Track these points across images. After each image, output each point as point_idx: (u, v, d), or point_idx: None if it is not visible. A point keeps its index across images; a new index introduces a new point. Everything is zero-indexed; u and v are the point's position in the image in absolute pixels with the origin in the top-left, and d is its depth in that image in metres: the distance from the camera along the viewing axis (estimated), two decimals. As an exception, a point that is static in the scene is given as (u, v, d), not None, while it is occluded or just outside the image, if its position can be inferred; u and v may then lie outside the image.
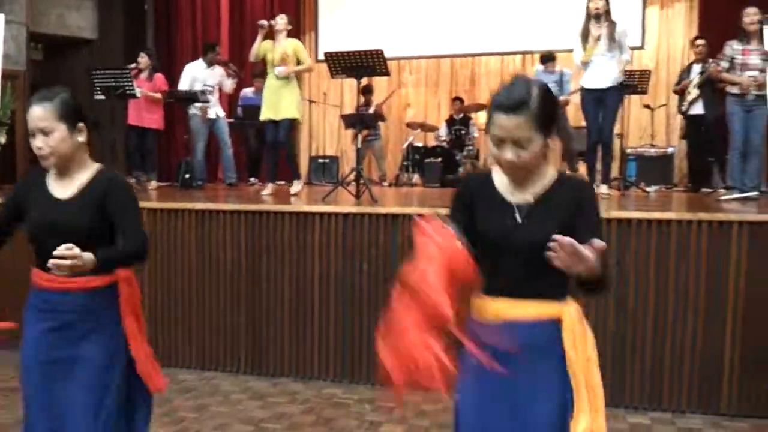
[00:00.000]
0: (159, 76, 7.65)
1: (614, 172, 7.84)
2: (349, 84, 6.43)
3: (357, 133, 6.63)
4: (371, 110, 9.60)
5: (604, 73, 5.75)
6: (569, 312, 1.95)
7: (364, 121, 8.65)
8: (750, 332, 4.04)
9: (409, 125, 10.11)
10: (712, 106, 7.08)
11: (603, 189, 5.86)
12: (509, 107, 1.80)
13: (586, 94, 5.86)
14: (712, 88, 7.03)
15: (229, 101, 9.12)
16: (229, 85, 8.11)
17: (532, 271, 1.89)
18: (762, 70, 5.73)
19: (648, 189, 7.33)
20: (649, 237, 4.11)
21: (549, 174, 1.96)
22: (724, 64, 6.02)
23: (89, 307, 2.34)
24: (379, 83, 10.30)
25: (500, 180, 1.98)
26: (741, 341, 4.06)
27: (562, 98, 7.49)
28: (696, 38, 7.96)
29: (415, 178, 9.37)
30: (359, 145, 6.39)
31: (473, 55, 10.79)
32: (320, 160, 10.06)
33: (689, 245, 4.07)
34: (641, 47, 9.90)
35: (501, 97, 1.83)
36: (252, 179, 8.88)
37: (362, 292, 4.58)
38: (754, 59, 5.82)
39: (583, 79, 5.92)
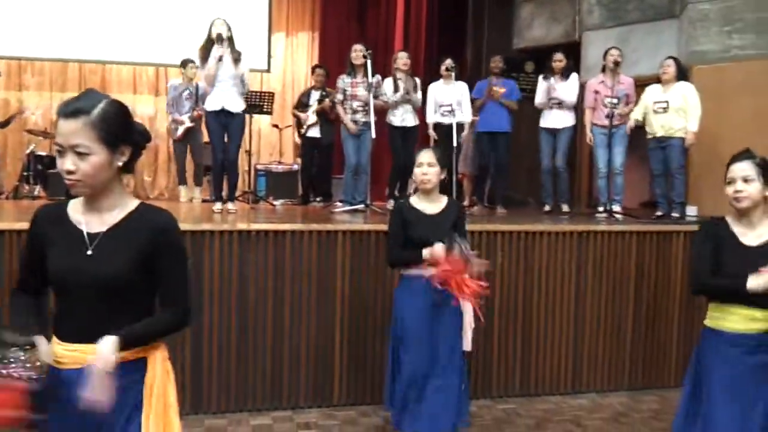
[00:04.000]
0: None
1: (245, 186, 8.20)
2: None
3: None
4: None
5: (228, 98, 5.83)
6: (155, 353, 1.90)
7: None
8: (354, 327, 4.55)
9: (31, 132, 9.21)
10: (326, 132, 7.84)
11: (229, 205, 6.02)
12: (68, 112, 1.73)
13: (211, 115, 5.87)
14: (326, 116, 7.79)
15: None
16: None
17: (108, 308, 1.81)
18: (366, 102, 6.51)
19: (275, 202, 7.80)
20: (266, 246, 4.39)
21: (130, 204, 1.88)
22: (339, 97, 6.71)
23: None
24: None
25: (75, 208, 1.87)
26: (348, 336, 4.55)
27: (196, 112, 7.62)
28: (316, 66, 8.70)
29: (38, 189, 8.57)
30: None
31: (104, 62, 10.30)
32: None
33: (302, 253, 4.45)
34: (268, 71, 10.50)
35: (62, 105, 1.76)
36: None
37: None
38: (361, 91, 6.59)
39: (207, 101, 5.93)
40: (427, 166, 3.54)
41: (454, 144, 6.41)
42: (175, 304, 1.90)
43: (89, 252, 1.81)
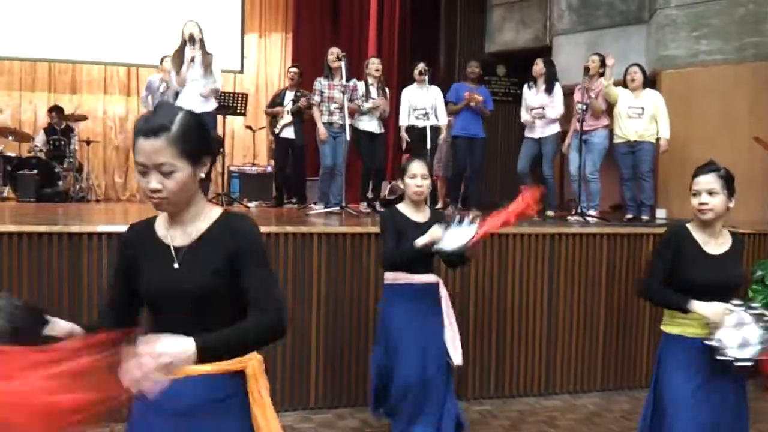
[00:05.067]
0: None
1: (219, 188, 8.15)
2: None
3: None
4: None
5: (198, 97, 5.92)
6: (252, 364, 1.85)
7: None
8: (330, 330, 4.54)
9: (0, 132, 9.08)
10: (301, 133, 7.83)
11: None
12: (148, 130, 1.70)
13: None
14: (301, 117, 7.78)
15: None
16: None
17: (198, 320, 1.76)
18: (341, 104, 6.53)
19: (249, 204, 7.77)
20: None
21: (212, 214, 1.84)
22: (317, 98, 6.72)
23: None
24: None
25: (160, 224, 1.85)
26: (324, 339, 4.54)
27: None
28: (290, 67, 8.68)
29: (7, 191, 8.44)
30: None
31: (74, 62, 10.16)
32: None
33: (278, 254, 4.44)
34: (241, 72, 10.46)
35: (141, 123, 1.73)
36: None
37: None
38: (338, 93, 6.63)
39: (180, 99, 5.98)
40: (420, 179, 3.56)
41: (428, 147, 6.45)
42: (263, 308, 1.76)
43: (176, 266, 1.79)
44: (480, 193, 7.53)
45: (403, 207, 3.70)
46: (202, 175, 1.79)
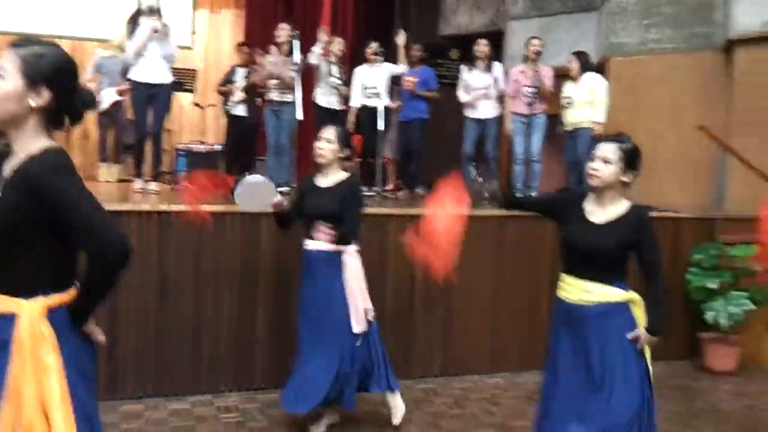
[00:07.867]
0: None
1: (165, 166, 7.97)
2: None
3: None
4: None
5: (156, 69, 5.75)
6: (27, 309, 1.79)
7: None
8: (276, 309, 4.51)
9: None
10: (252, 111, 7.70)
11: (151, 185, 5.85)
12: (12, 43, 1.83)
13: (137, 87, 5.78)
14: (253, 95, 7.64)
15: None
16: None
17: (6, 251, 1.79)
18: (292, 77, 6.44)
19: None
20: (187, 228, 4.26)
21: (35, 148, 1.82)
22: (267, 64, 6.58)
23: None
24: None
25: None
26: (269, 318, 4.51)
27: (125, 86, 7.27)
28: (241, 44, 8.51)
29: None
30: None
31: (15, 35, 9.73)
32: None
33: (225, 235, 4.38)
34: (190, 48, 10.21)
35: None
36: None
37: None
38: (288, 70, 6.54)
39: (134, 71, 5.80)
40: (324, 141, 3.66)
41: (381, 127, 6.41)
42: (90, 240, 1.76)
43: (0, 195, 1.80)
44: (417, 174, 7.50)
45: (318, 174, 3.77)
46: (33, 104, 1.79)
